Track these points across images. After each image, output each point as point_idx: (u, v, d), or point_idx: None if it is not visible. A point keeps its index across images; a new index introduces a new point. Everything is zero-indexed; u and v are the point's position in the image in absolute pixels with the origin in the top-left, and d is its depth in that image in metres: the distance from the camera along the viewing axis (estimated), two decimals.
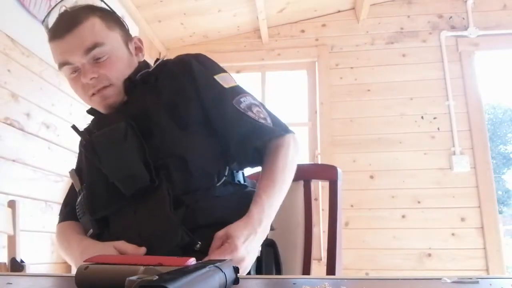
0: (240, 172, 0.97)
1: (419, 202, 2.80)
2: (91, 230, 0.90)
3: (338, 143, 2.94)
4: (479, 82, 2.94)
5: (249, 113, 0.91)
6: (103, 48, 0.90)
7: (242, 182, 0.96)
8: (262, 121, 0.92)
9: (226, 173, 0.92)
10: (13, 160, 1.60)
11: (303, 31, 3.21)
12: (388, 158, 2.89)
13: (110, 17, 0.95)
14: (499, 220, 2.74)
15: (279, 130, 0.93)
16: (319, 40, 3.17)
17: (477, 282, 0.44)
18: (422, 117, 2.93)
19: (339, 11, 3.20)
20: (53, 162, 1.84)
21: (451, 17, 3.08)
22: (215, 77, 0.95)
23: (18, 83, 1.64)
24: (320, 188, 2.83)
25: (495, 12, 3.04)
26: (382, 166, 2.88)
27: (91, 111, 1.03)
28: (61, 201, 2.00)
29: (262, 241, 0.83)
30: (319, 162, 2.89)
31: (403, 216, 2.79)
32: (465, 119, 2.89)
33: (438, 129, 2.89)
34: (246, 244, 0.75)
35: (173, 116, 0.90)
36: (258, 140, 0.90)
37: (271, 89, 3.32)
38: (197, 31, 3.07)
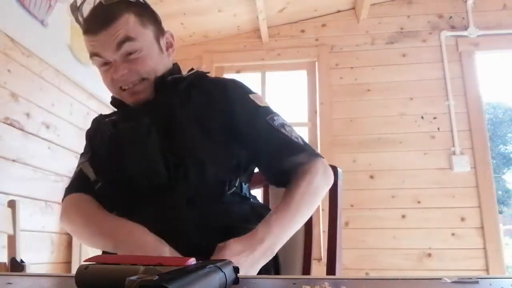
0: (247, 185, 0.99)
1: (419, 202, 2.80)
2: None
3: (338, 143, 2.94)
4: (479, 82, 2.94)
5: (282, 130, 0.93)
6: (135, 44, 0.91)
7: (248, 194, 0.98)
8: (295, 139, 0.93)
9: (237, 184, 0.93)
10: (13, 160, 1.60)
11: (303, 31, 3.21)
12: (388, 158, 2.89)
13: (145, 12, 0.96)
14: (499, 220, 2.74)
15: (310, 150, 0.93)
16: (319, 40, 3.17)
17: (477, 282, 0.44)
18: (422, 117, 2.93)
19: (339, 11, 3.20)
20: (53, 162, 1.84)
21: (451, 17, 3.08)
22: (250, 95, 0.98)
23: (18, 83, 1.64)
24: None
25: (495, 12, 3.04)
26: (382, 166, 2.88)
27: (114, 103, 1.05)
28: (61, 201, 1.99)
29: (263, 261, 0.79)
30: None
31: (403, 216, 2.79)
32: (465, 119, 2.89)
33: (438, 129, 2.90)
34: (236, 258, 0.74)
35: (198, 121, 0.92)
36: (290, 154, 0.91)
37: (271, 89, 3.32)
38: (197, 31, 3.07)
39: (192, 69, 1.03)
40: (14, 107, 1.61)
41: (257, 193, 1.16)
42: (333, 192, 1.09)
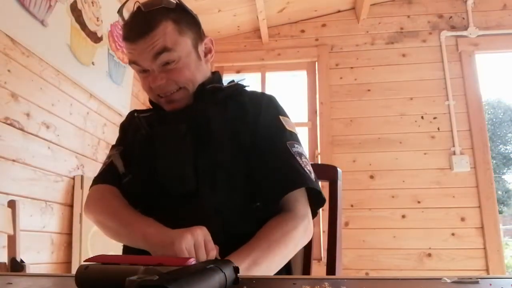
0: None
1: (419, 202, 2.80)
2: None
3: (338, 143, 2.95)
4: (479, 82, 2.94)
5: (298, 158, 0.90)
6: (172, 54, 0.90)
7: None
8: (307, 171, 0.90)
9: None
10: (13, 160, 1.60)
11: (303, 31, 3.21)
12: (388, 158, 2.89)
13: (184, 19, 0.95)
14: (499, 220, 2.74)
15: (316, 186, 0.90)
16: (319, 40, 3.17)
17: (477, 282, 0.44)
18: (422, 117, 2.93)
19: (339, 11, 3.20)
20: (53, 162, 1.84)
21: (451, 17, 3.08)
22: (280, 117, 0.97)
23: (18, 83, 1.64)
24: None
25: (495, 12, 3.04)
26: (382, 166, 2.88)
27: (153, 103, 1.03)
28: (61, 201, 2.00)
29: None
30: (319, 162, 2.89)
31: (403, 216, 2.79)
32: (465, 119, 2.89)
33: (438, 129, 2.90)
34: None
35: (232, 134, 0.91)
36: (299, 185, 0.88)
37: (271, 89, 3.32)
38: None
39: (233, 81, 1.03)
40: (14, 107, 1.61)
41: None
42: (333, 192, 1.10)
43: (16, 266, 1.29)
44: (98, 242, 2.03)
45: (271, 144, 0.92)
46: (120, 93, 2.42)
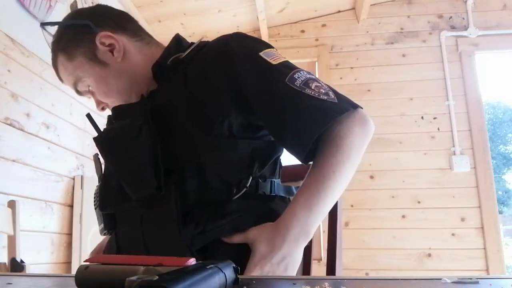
0: (268, 180, 0.81)
1: (419, 202, 2.80)
2: (102, 225, 0.85)
3: None
4: (479, 82, 2.94)
5: (307, 91, 0.73)
6: (82, 83, 0.87)
7: (268, 192, 0.80)
8: (324, 97, 0.73)
9: (249, 184, 0.77)
10: (13, 160, 1.60)
11: (303, 31, 3.21)
12: (388, 158, 2.89)
13: (68, 40, 0.86)
14: (499, 220, 2.74)
15: (345, 106, 0.74)
16: (319, 40, 3.17)
17: (477, 282, 0.44)
18: (422, 117, 2.93)
19: (339, 11, 3.20)
20: (53, 162, 1.84)
21: (451, 17, 3.08)
22: (261, 54, 0.77)
23: (18, 83, 1.64)
24: None
25: (495, 12, 3.04)
26: (382, 166, 2.88)
27: None
28: (61, 201, 2.00)
29: (299, 247, 0.72)
30: None
31: (403, 216, 2.79)
32: (465, 119, 2.89)
33: (438, 129, 2.90)
34: (263, 262, 0.69)
35: (197, 114, 0.77)
36: (322, 125, 0.70)
37: None
38: (197, 31, 3.07)
39: (191, 44, 0.86)
40: (14, 107, 1.61)
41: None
42: None
43: (16, 266, 1.29)
44: (98, 242, 2.03)
45: (270, 97, 0.74)
46: None
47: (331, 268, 0.99)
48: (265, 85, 0.75)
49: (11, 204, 1.37)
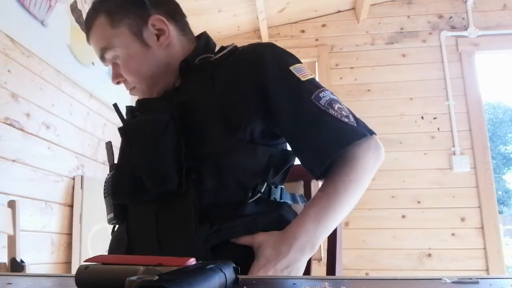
0: (279, 187, 0.84)
1: (419, 202, 2.80)
2: (111, 214, 0.85)
3: None
4: (479, 82, 2.94)
5: (331, 111, 0.76)
6: (112, 51, 0.84)
7: (278, 199, 0.83)
8: (345, 119, 0.77)
9: (263, 190, 0.79)
10: (13, 160, 1.60)
11: (303, 31, 3.21)
12: (388, 158, 2.87)
13: (118, 5, 0.85)
14: (499, 220, 2.74)
15: (363, 131, 0.78)
16: (319, 40, 3.17)
17: (477, 282, 0.44)
18: (422, 117, 2.93)
19: (339, 11, 3.20)
20: (53, 162, 1.84)
21: (451, 17, 3.08)
22: (291, 68, 0.81)
23: (18, 83, 1.64)
24: None
25: (495, 12, 3.04)
26: (382, 166, 2.83)
27: None
28: (61, 201, 2.00)
29: (303, 259, 0.73)
30: None
31: (403, 216, 2.79)
32: (465, 119, 2.89)
33: (438, 129, 2.90)
34: (269, 266, 0.70)
35: (223, 116, 0.78)
36: (342, 146, 0.74)
37: None
38: (197, 31, 3.07)
39: (223, 47, 0.88)
40: (14, 107, 1.61)
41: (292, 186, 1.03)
42: None
43: (16, 266, 1.29)
44: (98, 242, 2.03)
45: (296, 110, 0.77)
46: (121, 93, 2.42)
47: (331, 268, 0.99)
48: (292, 99, 0.78)
49: (11, 204, 1.37)
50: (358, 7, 3.09)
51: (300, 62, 0.84)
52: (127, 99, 2.49)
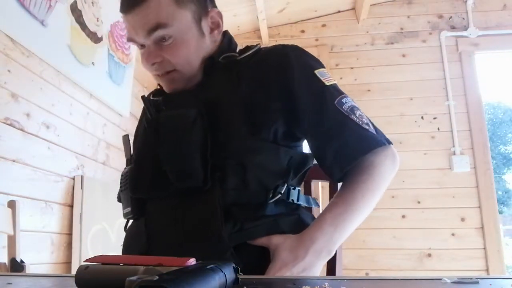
0: (297, 189, 0.85)
1: (419, 202, 2.80)
2: (128, 209, 0.84)
3: None
4: (479, 82, 2.94)
5: (353, 117, 0.79)
6: (168, 30, 0.79)
7: (296, 201, 0.84)
8: (366, 126, 0.80)
9: (283, 190, 0.80)
10: (13, 160, 1.60)
11: (303, 31, 3.21)
12: None
13: None
14: (499, 220, 2.74)
15: (382, 140, 0.81)
16: (319, 40, 3.17)
17: (477, 282, 0.44)
18: (422, 117, 2.93)
19: (339, 11, 3.20)
20: (53, 162, 1.84)
21: (451, 17, 3.08)
22: (316, 72, 0.83)
23: (18, 83, 1.64)
24: (320, 188, 2.82)
25: (495, 12, 3.04)
26: None
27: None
28: (61, 201, 2.00)
29: (319, 263, 0.73)
30: None
31: (403, 216, 2.79)
32: (465, 119, 2.89)
33: (438, 129, 2.90)
34: (285, 270, 0.70)
35: (248, 115, 0.79)
36: (363, 153, 0.77)
37: None
38: None
39: (248, 47, 0.88)
40: (14, 107, 1.61)
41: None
42: (333, 192, 1.09)
43: (16, 266, 1.29)
44: (98, 242, 2.03)
45: (320, 113, 0.79)
46: (120, 93, 2.42)
47: (331, 268, 0.99)
48: (316, 102, 0.80)
49: (11, 204, 1.37)
50: (358, 7, 3.09)
51: (323, 67, 0.86)
52: (127, 99, 2.49)
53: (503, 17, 3.03)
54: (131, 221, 0.89)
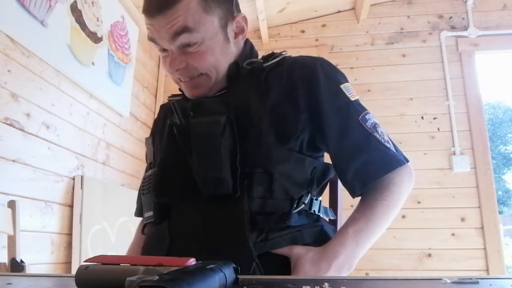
0: (318, 200, 0.86)
1: (419, 202, 2.80)
2: (150, 212, 0.84)
3: None
4: (479, 82, 2.94)
5: (376, 134, 0.81)
6: (194, 35, 0.78)
7: (317, 211, 0.85)
8: (387, 144, 0.81)
9: (307, 201, 0.81)
10: (13, 160, 1.60)
11: (303, 31, 3.21)
12: None
13: None
14: (499, 220, 2.74)
15: (402, 159, 0.82)
16: (319, 40, 3.17)
17: (477, 282, 0.44)
18: (422, 117, 2.93)
19: (339, 11, 3.20)
20: (53, 162, 1.84)
21: (451, 17, 3.08)
22: (341, 86, 0.84)
23: (18, 83, 1.64)
24: None
25: (495, 12, 3.04)
26: None
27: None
28: (61, 201, 2.00)
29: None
30: None
31: (403, 216, 2.79)
32: (465, 119, 2.89)
33: (438, 129, 2.89)
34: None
35: (276, 125, 0.79)
36: (385, 171, 0.79)
37: None
38: None
39: (273, 53, 0.89)
40: (14, 107, 1.61)
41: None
42: (333, 192, 1.10)
43: (16, 266, 1.29)
44: (98, 242, 2.03)
45: (344, 128, 0.80)
46: (120, 93, 2.42)
47: None
48: (342, 117, 0.81)
49: (11, 204, 1.37)
50: (358, 7, 3.09)
51: (348, 81, 0.87)
52: (127, 99, 2.49)
53: (503, 17, 3.03)
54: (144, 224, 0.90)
